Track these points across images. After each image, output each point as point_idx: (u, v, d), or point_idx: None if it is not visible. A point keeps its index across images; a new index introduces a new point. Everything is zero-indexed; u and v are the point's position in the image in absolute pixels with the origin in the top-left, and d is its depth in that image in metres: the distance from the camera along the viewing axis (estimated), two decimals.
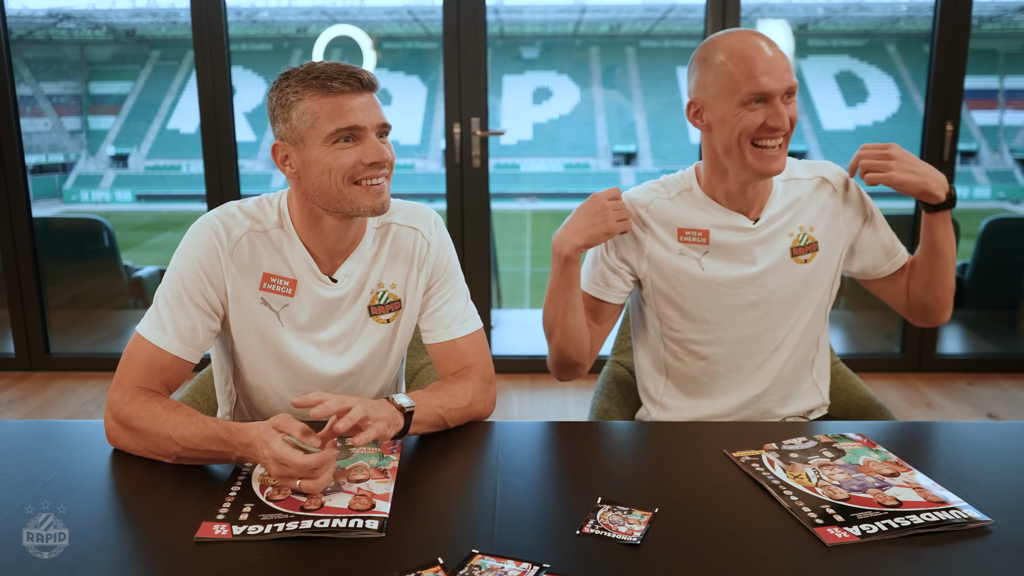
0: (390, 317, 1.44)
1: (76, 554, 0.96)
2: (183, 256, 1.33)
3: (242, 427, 1.14)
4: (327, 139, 1.25)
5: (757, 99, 1.37)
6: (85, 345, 4.26)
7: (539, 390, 3.54)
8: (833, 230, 1.52)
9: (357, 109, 1.25)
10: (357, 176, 1.27)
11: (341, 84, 1.24)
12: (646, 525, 1.01)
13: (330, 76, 1.24)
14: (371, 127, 1.26)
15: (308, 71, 1.26)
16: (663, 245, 1.51)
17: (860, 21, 22.70)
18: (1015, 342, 4.47)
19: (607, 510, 1.04)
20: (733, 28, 1.43)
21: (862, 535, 0.99)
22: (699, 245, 1.50)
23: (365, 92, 1.27)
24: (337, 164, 1.26)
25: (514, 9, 23.36)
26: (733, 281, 1.50)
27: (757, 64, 1.35)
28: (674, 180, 1.55)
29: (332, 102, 1.24)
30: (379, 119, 1.27)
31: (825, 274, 1.54)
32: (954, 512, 1.03)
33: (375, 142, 1.27)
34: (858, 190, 1.55)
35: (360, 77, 1.26)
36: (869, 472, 1.15)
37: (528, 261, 14.59)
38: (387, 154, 1.28)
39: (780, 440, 1.26)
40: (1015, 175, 21.12)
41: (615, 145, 23.28)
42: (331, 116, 1.24)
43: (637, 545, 0.97)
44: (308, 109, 1.24)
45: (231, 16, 3.61)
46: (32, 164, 15.55)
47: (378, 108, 1.28)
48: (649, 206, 1.52)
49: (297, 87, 1.25)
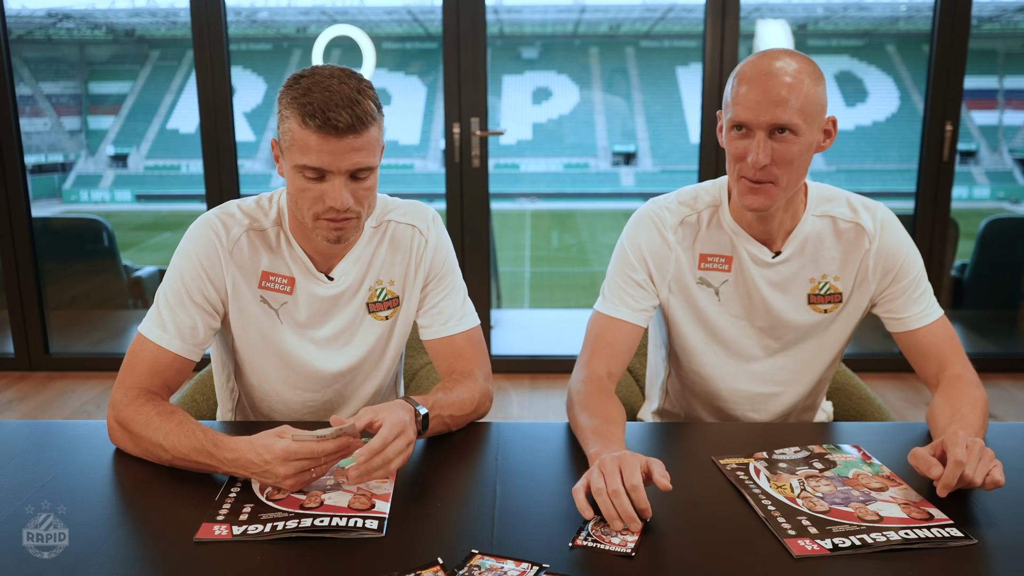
0: (388, 314, 1.44)
1: (76, 554, 0.96)
2: (183, 255, 1.33)
3: (228, 441, 1.12)
4: (295, 167, 1.23)
5: (738, 126, 1.28)
6: (85, 345, 4.26)
7: (539, 390, 3.54)
8: (862, 286, 1.42)
9: (325, 152, 1.19)
10: (318, 214, 1.25)
11: (318, 124, 1.18)
12: (639, 535, 0.99)
13: (311, 112, 1.17)
14: (338, 172, 1.21)
15: (305, 92, 1.19)
16: (684, 272, 1.44)
17: (860, 21, 22.69)
18: (1015, 342, 4.47)
19: (598, 521, 1.02)
20: (771, 49, 1.30)
21: (833, 549, 0.97)
22: (721, 272, 1.43)
23: (345, 136, 1.19)
24: (300, 196, 1.24)
25: (513, 9, 23.34)
26: (744, 315, 1.45)
27: (746, 91, 1.26)
28: (705, 192, 1.45)
29: (306, 136, 1.19)
30: (351, 164, 1.21)
31: (843, 327, 1.46)
32: (936, 530, 1.01)
33: (339, 188, 1.21)
34: (893, 243, 1.39)
35: (338, 124, 1.17)
36: (856, 485, 1.13)
37: (527, 261, 14.58)
38: (347, 203, 1.22)
39: (772, 448, 1.25)
40: (1015, 175, 21.11)
41: (615, 145, 23.24)
42: (301, 149, 1.20)
43: (631, 555, 0.95)
44: (289, 129, 1.22)
45: (231, 16, 3.61)
46: (31, 164, 15.57)
47: (358, 152, 1.21)
48: (677, 227, 1.43)
49: (291, 103, 1.20)
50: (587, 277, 12.98)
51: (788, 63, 1.26)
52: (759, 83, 1.25)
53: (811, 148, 1.30)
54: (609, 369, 1.39)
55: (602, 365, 1.39)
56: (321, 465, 1.09)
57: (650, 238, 1.43)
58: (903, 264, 1.40)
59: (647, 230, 1.44)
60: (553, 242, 17.16)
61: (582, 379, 1.36)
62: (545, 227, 18.66)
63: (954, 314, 4.38)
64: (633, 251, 1.44)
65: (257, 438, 1.10)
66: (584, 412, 1.27)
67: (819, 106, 1.28)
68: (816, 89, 1.27)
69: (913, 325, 1.41)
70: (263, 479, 1.09)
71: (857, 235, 1.40)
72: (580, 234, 17.87)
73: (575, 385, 1.36)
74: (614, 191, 22.01)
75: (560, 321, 6.13)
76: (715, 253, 1.42)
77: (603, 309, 1.44)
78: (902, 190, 5.98)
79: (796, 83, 1.25)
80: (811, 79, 1.26)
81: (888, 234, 1.40)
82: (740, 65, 1.30)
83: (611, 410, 1.28)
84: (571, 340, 1.50)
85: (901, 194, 5.88)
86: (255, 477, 1.10)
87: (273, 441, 1.08)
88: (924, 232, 3.60)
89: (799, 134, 1.26)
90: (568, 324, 5.50)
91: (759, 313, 1.44)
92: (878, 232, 1.40)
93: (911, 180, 3.66)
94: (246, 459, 1.09)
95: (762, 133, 1.26)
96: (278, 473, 1.07)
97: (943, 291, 3.73)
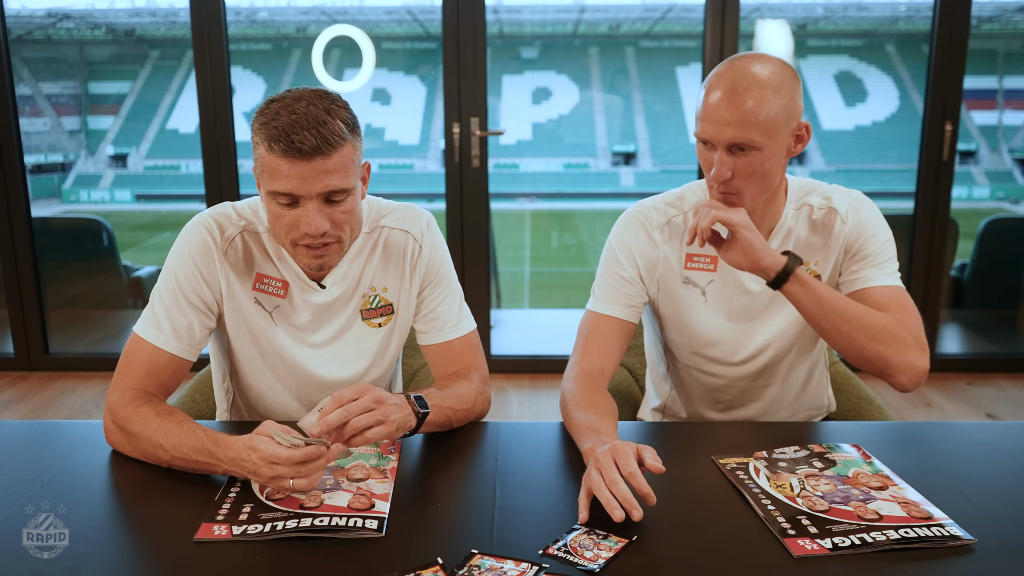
0: (382, 321, 1.43)
1: (76, 554, 0.96)
2: (178, 255, 1.33)
3: (228, 440, 1.12)
4: (268, 194, 1.22)
5: (703, 140, 1.30)
6: (84, 345, 4.26)
7: (538, 390, 3.54)
8: (836, 263, 1.43)
9: (293, 177, 1.17)
10: (295, 240, 1.24)
11: (283, 148, 1.15)
12: (614, 553, 0.96)
13: (276, 136, 1.15)
14: (309, 196, 1.18)
15: (273, 118, 1.17)
16: (671, 271, 1.46)
17: (859, 21, 22.70)
18: (1014, 342, 4.48)
19: (581, 532, 1.00)
20: (741, 57, 1.29)
21: (832, 548, 0.97)
22: (706, 272, 1.44)
23: (313, 159, 1.16)
24: (276, 223, 1.24)
25: (513, 9, 23.34)
26: (734, 309, 1.45)
27: (709, 107, 1.27)
28: (690, 193, 1.47)
29: (274, 162, 1.17)
30: (322, 188, 1.18)
31: None
32: (936, 529, 1.01)
33: (312, 213, 1.19)
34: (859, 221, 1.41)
35: (302, 147, 1.14)
36: (856, 484, 1.13)
37: (527, 261, 14.58)
38: (321, 228, 1.20)
39: (772, 448, 1.25)
40: (1014, 175, 21.11)
41: (614, 145, 23.24)
42: (270, 175, 1.19)
43: (595, 572, 0.92)
44: (260, 156, 1.20)
45: (230, 16, 3.61)
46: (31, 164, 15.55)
47: (328, 174, 1.18)
48: (664, 226, 1.45)
49: (260, 128, 1.18)
50: (587, 277, 12.95)
51: (754, 76, 1.25)
52: (721, 101, 1.26)
53: (778, 156, 1.30)
54: (601, 366, 1.40)
55: (594, 362, 1.40)
56: (300, 477, 1.06)
57: (637, 237, 1.45)
58: (864, 241, 1.40)
59: (634, 230, 1.45)
60: (553, 242, 17.16)
61: (574, 377, 1.37)
62: (545, 227, 18.66)
63: (954, 314, 4.38)
64: (621, 250, 1.45)
65: (248, 437, 1.10)
66: (577, 409, 1.28)
67: (785, 118, 1.27)
68: (781, 102, 1.26)
69: (859, 286, 1.39)
70: (254, 478, 1.09)
71: (831, 218, 1.41)
72: (580, 234, 17.87)
73: (567, 384, 1.37)
74: (614, 191, 22.01)
75: (560, 321, 6.13)
76: (701, 253, 1.44)
77: (594, 307, 1.46)
78: (902, 190, 5.98)
79: (758, 101, 1.24)
80: (776, 92, 1.25)
81: (857, 214, 1.41)
82: (711, 73, 1.31)
83: (602, 405, 1.29)
84: (571, 340, 1.50)
85: (901, 194, 5.87)
86: (250, 476, 1.10)
87: (258, 441, 1.07)
88: (924, 232, 3.60)
89: (761, 149, 1.27)
90: (568, 324, 5.49)
91: (747, 312, 1.45)
92: (850, 213, 1.41)
93: (911, 180, 3.67)
94: (240, 457, 1.09)
95: (723, 149, 1.28)
96: (262, 474, 1.06)
97: (943, 291, 3.73)
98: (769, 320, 1.46)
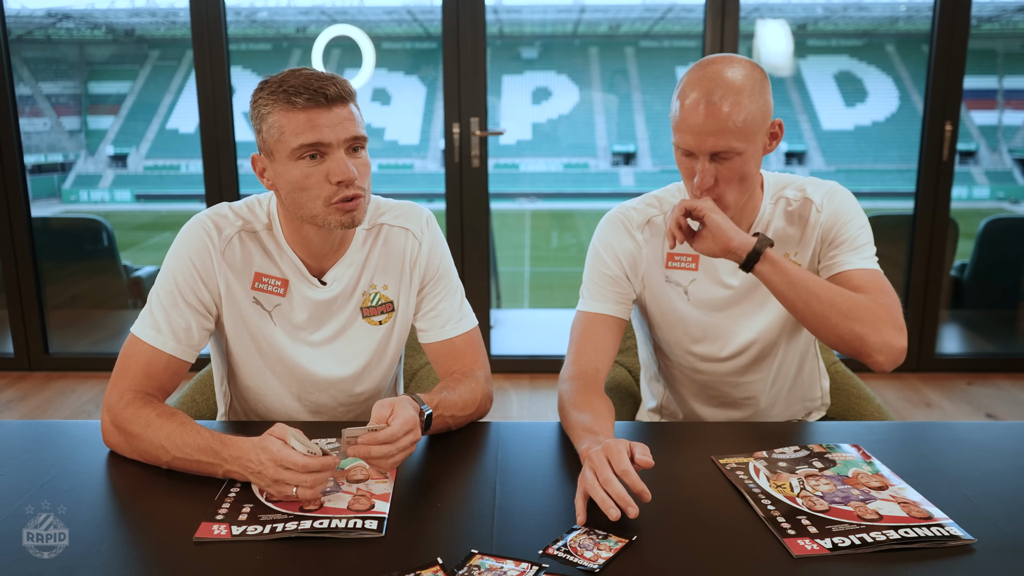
0: (382, 319, 1.43)
1: (76, 554, 0.96)
2: (175, 256, 1.33)
3: (234, 440, 1.12)
4: (292, 154, 1.23)
5: (683, 151, 1.31)
6: (84, 345, 4.26)
7: (538, 390, 3.54)
8: (815, 252, 1.43)
9: (321, 125, 1.20)
10: (325, 197, 1.24)
11: (306, 100, 1.20)
12: (614, 553, 0.96)
13: (296, 90, 1.20)
14: (337, 143, 1.22)
15: (280, 83, 1.22)
16: (654, 269, 1.47)
17: (859, 21, 22.70)
18: (1014, 342, 4.48)
19: (581, 532, 1.01)
20: (710, 60, 1.29)
21: (832, 548, 0.97)
22: (688, 271, 1.45)
23: (334, 106, 1.22)
24: (305, 184, 1.24)
25: (513, 9, 23.34)
26: (718, 306, 1.46)
27: (685, 118, 1.27)
28: (669, 194, 1.48)
29: (296, 117, 1.21)
30: (347, 133, 1.22)
31: None
32: (936, 529, 1.01)
33: (341, 160, 1.22)
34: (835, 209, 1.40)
35: (326, 92, 1.20)
36: (856, 484, 1.13)
37: (527, 261, 14.58)
38: (352, 173, 1.22)
39: (772, 448, 1.25)
40: (1014, 175, 21.11)
41: (614, 145, 23.24)
42: (295, 131, 1.21)
43: (595, 572, 0.92)
44: (276, 123, 1.22)
45: (230, 16, 3.61)
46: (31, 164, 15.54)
47: (349, 121, 1.23)
48: (644, 226, 1.46)
49: (268, 99, 1.23)
50: None
51: (728, 83, 1.25)
52: (699, 111, 1.25)
53: (757, 156, 1.31)
54: (596, 365, 1.41)
55: (588, 361, 1.41)
56: (306, 487, 1.05)
57: (620, 237, 1.46)
58: (840, 227, 1.39)
59: (616, 230, 1.47)
60: (553, 242, 17.17)
61: (569, 378, 1.38)
62: (545, 227, 18.67)
63: (954, 314, 4.38)
64: (605, 250, 1.47)
65: (259, 438, 1.10)
66: (573, 410, 1.28)
67: (761, 119, 1.28)
68: (755, 105, 1.26)
69: (836, 270, 1.38)
70: (256, 480, 1.09)
71: (806, 208, 1.42)
72: (580, 234, 17.87)
73: (563, 385, 1.37)
74: (614, 191, 22.01)
75: (560, 321, 6.13)
76: (682, 252, 1.45)
77: (584, 307, 1.47)
78: (902, 190, 5.98)
79: (734, 107, 1.24)
80: (751, 96, 1.26)
81: (832, 202, 1.41)
82: (682, 78, 1.30)
83: (598, 405, 1.29)
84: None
85: (901, 194, 5.87)
86: (252, 478, 1.09)
87: (271, 443, 1.07)
88: (924, 232, 3.60)
89: (742, 153, 1.28)
90: (567, 324, 5.48)
91: (730, 308, 1.46)
92: (825, 202, 1.41)
93: (911, 180, 3.67)
94: (247, 457, 1.09)
95: (704, 157, 1.28)
96: (267, 476, 1.06)
97: (943, 291, 3.73)
98: (755, 314, 1.46)
